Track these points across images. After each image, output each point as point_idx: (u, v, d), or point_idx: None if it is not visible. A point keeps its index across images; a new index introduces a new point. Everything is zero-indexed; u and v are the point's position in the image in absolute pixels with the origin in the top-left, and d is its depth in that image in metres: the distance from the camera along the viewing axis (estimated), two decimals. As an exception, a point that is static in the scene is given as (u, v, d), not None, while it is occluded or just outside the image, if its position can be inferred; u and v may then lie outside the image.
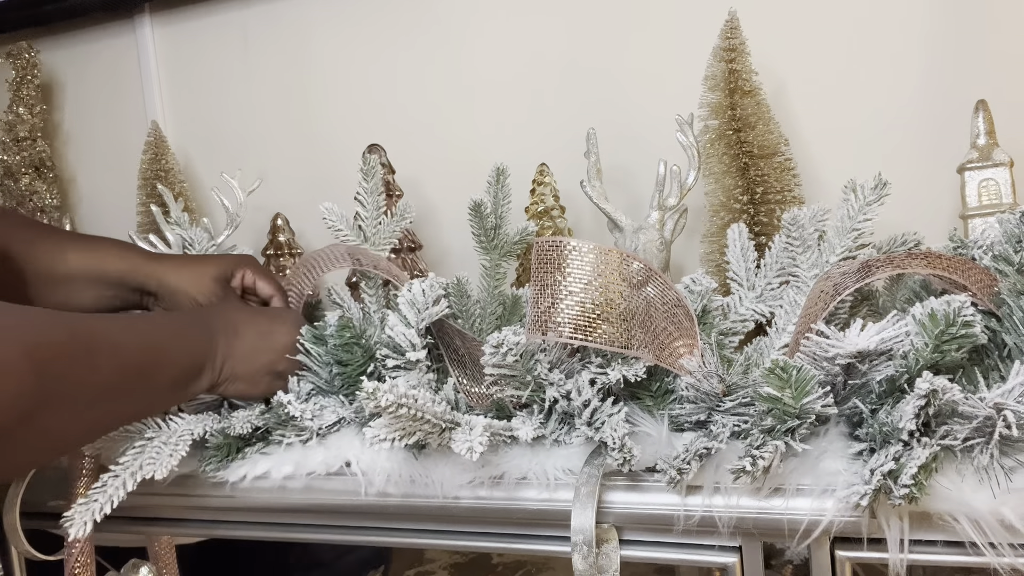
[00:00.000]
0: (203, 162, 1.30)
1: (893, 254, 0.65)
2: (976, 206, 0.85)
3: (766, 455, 0.53)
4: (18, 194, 1.26)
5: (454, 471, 0.64)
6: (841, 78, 0.98)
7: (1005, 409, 0.49)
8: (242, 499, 0.72)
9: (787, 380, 0.53)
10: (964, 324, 0.52)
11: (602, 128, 0.93)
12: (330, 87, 1.22)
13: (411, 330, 0.68)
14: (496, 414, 0.67)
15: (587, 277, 0.60)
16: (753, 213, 0.91)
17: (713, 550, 0.59)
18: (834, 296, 0.61)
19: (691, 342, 0.64)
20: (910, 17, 0.95)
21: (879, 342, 0.53)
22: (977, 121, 0.86)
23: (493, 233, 0.89)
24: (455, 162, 1.15)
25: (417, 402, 0.57)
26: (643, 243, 0.88)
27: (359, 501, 0.67)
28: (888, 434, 0.52)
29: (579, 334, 0.59)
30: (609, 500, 0.60)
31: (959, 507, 0.50)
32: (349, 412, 0.73)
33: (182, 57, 1.31)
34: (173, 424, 0.71)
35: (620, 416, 0.60)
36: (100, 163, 1.37)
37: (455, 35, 1.15)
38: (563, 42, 1.09)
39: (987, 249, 0.65)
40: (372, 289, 0.87)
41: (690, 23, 1.01)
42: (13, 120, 1.28)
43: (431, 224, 1.13)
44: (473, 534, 0.67)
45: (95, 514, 0.64)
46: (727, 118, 0.92)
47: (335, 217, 0.90)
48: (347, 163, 1.11)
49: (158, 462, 0.67)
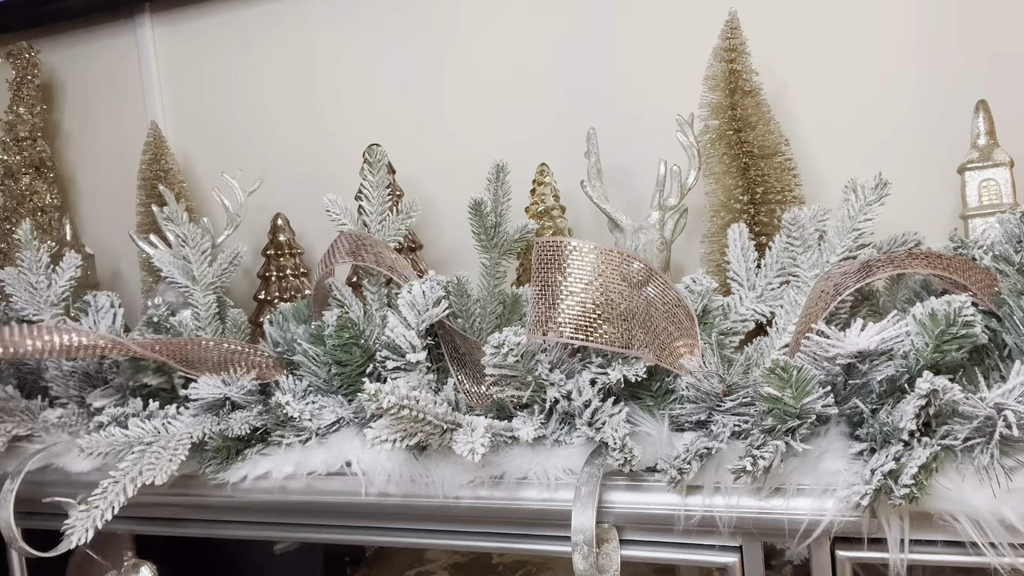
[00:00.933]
0: (203, 162, 1.30)
1: (893, 254, 0.65)
2: (976, 206, 0.85)
3: (767, 455, 0.53)
4: (18, 194, 1.26)
5: (455, 471, 0.64)
6: (841, 78, 0.98)
7: (1005, 409, 0.49)
8: (243, 499, 0.72)
9: (788, 380, 0.53)
10: (964, 324, 0.52)
11: (602, 128, 0.93)
12: (330, 87, 1.22)
13: (411, 331, 0.68)
14: (497, 414, 0.67)
15: (588, 277, 0.60)
16: (753, 213, 0.91)
17: (713, 550, 0.59)
18: (835, 296, 0.61)
19: (691, 342, 0.64)
20: (910, 17, 0.95)
21: (880, 342, 0.53)
22: (977, 121, 0.86)
23: (493, 231, 0.89)
24: (455, 162, 1.15)
25: (419, 403, 0.57)
26: (643, 243, 0.88)
27: (359, 501, 0.67)
28: (888, 434, 0.52)
29: (580, 334, 0.59)
30: (609, 500, 0.60)
31: (959, 507, 0.50)
32: (348, 412, 0.73)
33: (182, 57, 1.31)
34: (172, 427, 0.71)
35: (621, 416, 0.60)
36: (100, 163, 1.37)
37: (455, 35, 1.15)
38: (563, 42, 1.09)
39: (987, 249, 0.65)
40: (374, 288, 0.87)
41: (690, 23, 1.01)
42: (13, 120, 1.28)
43: (431, 224, 1.13)
44: (473, 534, 0.67)
45: (96, 521, 0.64)
46: (727, 118, 0.91)
47: (339, 210, 0.90)
48: (348, 163, 1.11)
49: (158, 467, 0.67)
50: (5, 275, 0.98)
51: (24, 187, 1.26)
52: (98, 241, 1.31)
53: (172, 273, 0.99)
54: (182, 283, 0.99)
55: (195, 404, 0.75)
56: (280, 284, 1.12)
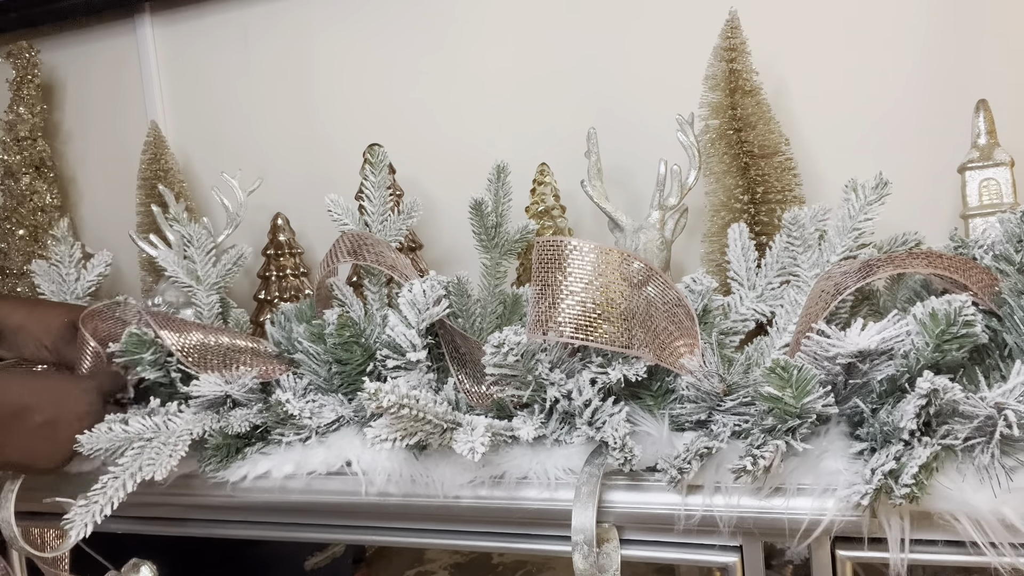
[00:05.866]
0: (203, 162, 1.30)
1: (894, 254, 0.65)
2: (977, 206, 0.85)
3: (767, 454, 0.53)
4: (18, 194, 1.26)
5: (455, 471, 0.64)
6: (841, 78, 0.98)
7: (1006, 408, 0.49)
8: (242, 499, 0.72)
9: (788, 380, 0.53)
10: (965, 323, 0.52)
11: (603, 128, 0.93)
12: (330, 87, 1.22)
13: (411, 330, 0.68)
14: (497, 414, 0.67)
15: (588, 277, 0.60)
16: (754, 213, 0.91)
17: (714, 550, 0.59)
18: (835, 296, 0.61)
19: (692, 341, 0.64)
20: (911, 17, 0.95)
21: (880, 341, 0.53)
22: (978, 120, 0.86)
23: (494, 231, 0.89)
24: (455, 162, 1.15)
25: (419, 403, 0.57)
26: (644, 243, 0.88)
27: (360, 501, 0.67)
28: (889, 433, 0.52)
29: (580, 334, 0.59)
30: (610, 500, 0.60)
31: (960, 506, 0.50)
32: (348, 411, 0.73)
33: (182, 57, 1.31)
34: (172, 424, 0.71)
35: (621, 416, 0.60)
36: (100, 163, 1.37)
37: (455, 35, 1.15)
38: (564, 42, 1.09)
39: (988, 249, 0.65)
40: (375, 287, 0.87)
41: (691, 23, 1.01)
42: (13, 120, 1.28)
43: (431, 224, 1.13)
44: (474, 534, 0.67)
45: (95, 516, 0.64)
46: (728, 118, 0.91)
47: (340, 210, 0.90)
48: (348, 162, 1.11)
49: (158, 463, 0.67)
50: (36, 267, 1.08)
51: (24, 187, 1.26)
52: (98, 241, 1.31)
53: (176, 273, 0.99)
54: (186, 283, 1.00)
55: (196, 401, 0.75)
56: (280, 284, 1.12)
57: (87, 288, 1.07)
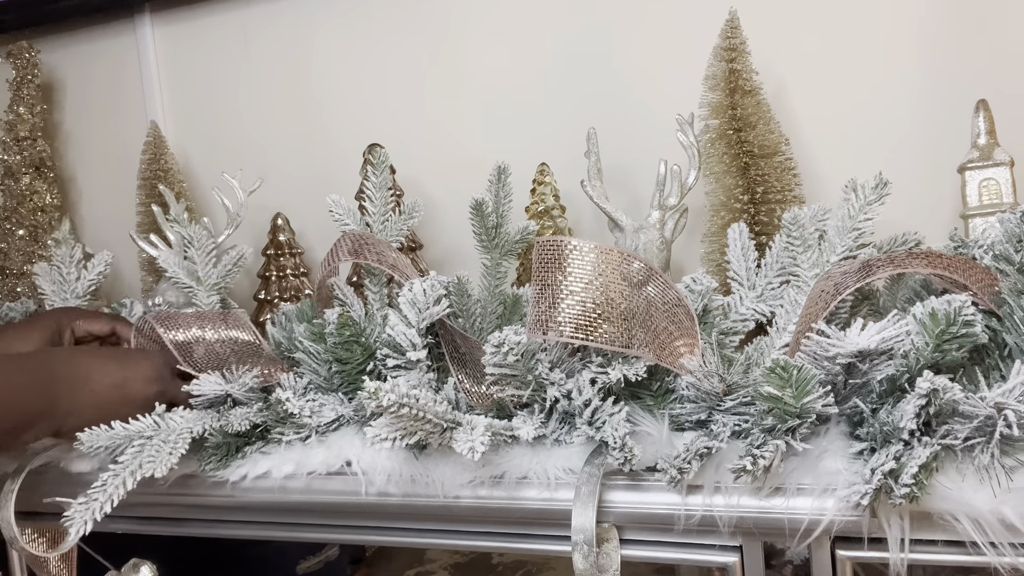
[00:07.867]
0: (203, 162, 1.30)
1: (894, 253, 0.65)
2: (977, 206, 0.85)
3: (767, 454, 0.53)
4: (18, 194, 1.26)
5: (455, 470, 0.64)
6: (841, 78, 0.98)
7: (1006, 408, 0.49)
8: (242, 499, 0.72)
9: (788, 379, 0.53)
10: (965, 323, 0.52)
11: (603, 128, 0.93)
12: (330, 86, 1.22)
13: (412, 330, 0.68)
14: (497, 414, 0.67)
15: (588, 276, 0.60)
16: (754, 213, 0.91)
17: (714, 550, 0.59)
18: (835, 295, 0.61)
19: (692, 341, 0.64)
20: (910, 16, 0.95)
21: (880, 341, 0.53)
22: (978, 120, 0.86)
23: (494, 232, 0.89)
24: (455, 162, 1.15)
25: (419, 402, 0.57)
26: (643, 243, 0.88)
27: (360, 501, 0.67)
28: (889, 433, 0.52)
29: (580, 333, 0.59)
30: (610, 499, 0.60)
31: (960, 506, 0.50)
32: (348, 410, 0.73)
33: (182, 57, 1.31)
34: (172, 422, 0.71)
35: (621, 415, 0.60)
36: (100, 163, 1.37)
37: (455, 35, 1.15)
38: (563, 42, 1.09)
39: (988, 248, 0.65)
40: (376, 287, 0.87)
41: (691, 23, 1.01)
42: (13, 120, 1.28)
43: (431, 224, 1.13)
44: (474, 533, 0.67)
45: (95, 513, 0.64)
46: (727, 117, 0.91)
47: (342, 210, 0.90)
48: (348, 162, 1.11)
49: (158, 460, 0.67)
50: (39, 270, 1.09)
51: (24, 187, 1.26)
52: (98, 241, 1.31)
53: (177, 274, 0.99)
54: (186, 283, 1.00)
55: (196, 400, 0.75)
56: (280, 284, 1.12)
57: (87, 288, 1.07)
